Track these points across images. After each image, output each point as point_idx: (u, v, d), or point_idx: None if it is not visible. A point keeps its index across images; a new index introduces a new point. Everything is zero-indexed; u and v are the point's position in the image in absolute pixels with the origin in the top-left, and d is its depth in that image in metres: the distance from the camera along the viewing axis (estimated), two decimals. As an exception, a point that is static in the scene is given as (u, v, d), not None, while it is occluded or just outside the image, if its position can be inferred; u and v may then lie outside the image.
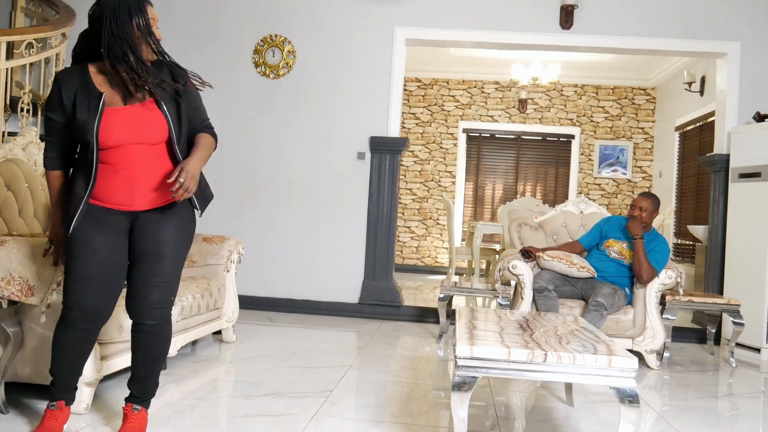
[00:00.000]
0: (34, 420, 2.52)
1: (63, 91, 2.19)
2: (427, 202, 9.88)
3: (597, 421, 2.99)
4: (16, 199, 2.98)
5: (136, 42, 2.16)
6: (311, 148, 5.68)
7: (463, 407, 2.21)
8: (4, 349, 2.53)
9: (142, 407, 2.39)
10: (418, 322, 5.53)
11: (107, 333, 2.79)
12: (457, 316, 2.88)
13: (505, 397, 3.33)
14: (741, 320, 4.40)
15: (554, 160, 9.86)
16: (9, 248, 2.51)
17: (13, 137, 3.21)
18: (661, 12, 5.46)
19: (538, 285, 4.13)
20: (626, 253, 4.23)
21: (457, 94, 9.88)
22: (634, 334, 4.23)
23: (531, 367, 2.19)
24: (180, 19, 5.78)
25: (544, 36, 5.54)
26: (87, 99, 2.17)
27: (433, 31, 5.62)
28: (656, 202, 4.27)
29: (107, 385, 3.04)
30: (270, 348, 4.15)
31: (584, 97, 9.73)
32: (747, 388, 3.89)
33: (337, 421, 2.76)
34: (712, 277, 5.36)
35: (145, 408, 2.41)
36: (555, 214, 4.88)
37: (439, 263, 9.82)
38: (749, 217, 4.85)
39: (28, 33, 4.61)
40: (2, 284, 2.46)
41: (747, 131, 4.98)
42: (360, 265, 5.60)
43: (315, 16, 5.72)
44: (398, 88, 5.62)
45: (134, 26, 2.15)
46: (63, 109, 2.19)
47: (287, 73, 5.71)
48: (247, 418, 2.73)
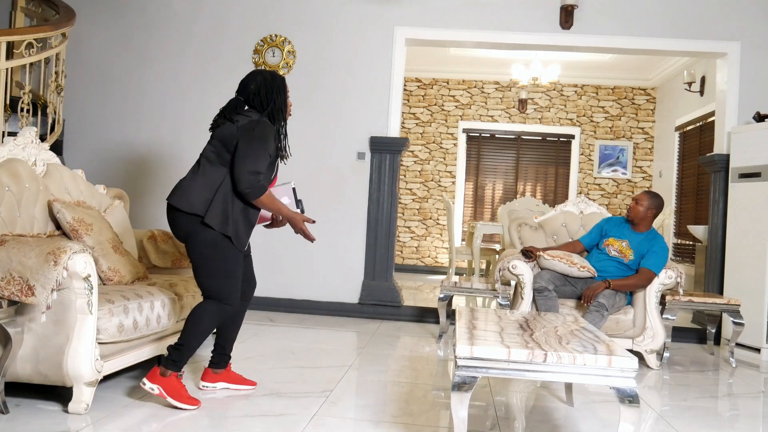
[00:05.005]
0: (34, 420, 2.53)
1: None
2: (427, 202, 9.88)
3: (597, 421, 2.99)
4: (17, 199, 2.98)
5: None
6: (311, 148, 5.68)
7: (463, 407, 2.21)
8: (4, 349, 2.53)
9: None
10: (418, 322, 5.53)
11: (107, 332, 2.79)
12: (457, 316, 2.88)
13: (505, 397, 3.33)
14: (741, 320, 4.39)
15: (554, 160, 9.86)
16: (9, 248, 2.51)
17: (13, 137, 3.21)
18: (661, 12, 5.46)
19: (538, 285, 4.14)
20: (626, 251, 4.23)
21: (457, 94, 9.88)
22: (634, 334, 4.23)
23: (531, 367, 2.19)
24: (180, 18, 5.78)
25: (544, 36, 5.54)
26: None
27: (433, 31, 5.62)
28: (655, 202, 4.27)
29: (107, 385, 3.04)
30: (270, 348, 4.15)
31: (584, 97, 9.73)
32: (747, 388, 3.90)
33: (337, 421, 2.76)
34: (712, 277, 5.36)
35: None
36: (555, 214, 4.88)
37: (439, 263, 9.82)
38: (749, 217, 4.85)
39: (28, 33, 4.61)
40: (2, 284, 2.46)
41: (747, 131, 4.98)
42: (360, 265, 5.59)
43: (315, 16, 5.72)
44: (398, 88, 5.62)
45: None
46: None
47: (287, 73, 5.71)
48: (247, 418, 2.73)
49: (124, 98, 5.81)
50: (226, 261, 2.84)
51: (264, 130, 2.85)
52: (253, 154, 2.79)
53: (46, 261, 2.47)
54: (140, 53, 5.82)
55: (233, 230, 2.83)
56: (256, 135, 2.82)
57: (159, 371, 2.80)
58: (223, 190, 2.83)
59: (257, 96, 2.93)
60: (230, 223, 2.82)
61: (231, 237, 2.82)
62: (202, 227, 2.81)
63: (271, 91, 2.94)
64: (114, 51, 5.85)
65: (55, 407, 2.70)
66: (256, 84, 2.95)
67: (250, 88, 2.95)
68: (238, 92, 3.00)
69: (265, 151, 2.84)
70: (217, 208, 2.81)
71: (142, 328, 3.01)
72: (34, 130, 3.29)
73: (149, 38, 5.82)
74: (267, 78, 2.97)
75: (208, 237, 2.81)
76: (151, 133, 5.79)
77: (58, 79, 5.07)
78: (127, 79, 5.83)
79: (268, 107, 2.93)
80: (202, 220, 2.80)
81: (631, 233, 4.28)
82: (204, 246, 2.82)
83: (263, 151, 2.82)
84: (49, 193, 3.26)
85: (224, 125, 2.90)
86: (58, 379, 2.62)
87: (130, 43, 5.84)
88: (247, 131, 2.83)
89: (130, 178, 5.75)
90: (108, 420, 2.60)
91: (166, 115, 5.77)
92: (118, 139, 5.78)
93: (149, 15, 5.83)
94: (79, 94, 5.80)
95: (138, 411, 2.74)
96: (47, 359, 2.60)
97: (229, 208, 2.83)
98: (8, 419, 2.51)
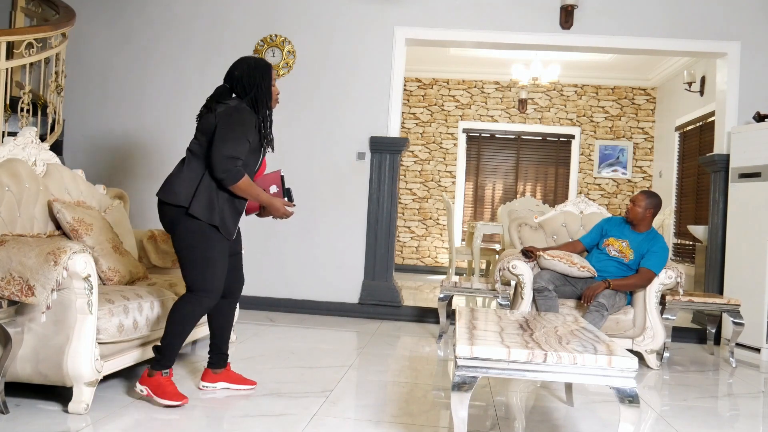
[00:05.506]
0: (34, 420, 2.53)
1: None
2: (427, 202, 9.88)
3: (597, 421, 2.99)
4: (17, 199, 2.98)
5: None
6: (311, 148, 5.68)
7: (463, 407, 2.21)
8: (4, 349, 2.53)
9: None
10: (418, 322, 5.53)
11: (107, 332, 2.79)
12: (457, 316, 2.88)
13: (505, 397, 3.33)
14: (741, 320, 4.40)
15: (554, 160, 9.86)
16: (9, 248, 2.51)
17: (13, 137, 3.21)
18: (661, 12, 5.46)
19: (538, 285, 4.14)
20: (626, 251, 4.23)
21: (457, 94, 9.88)
22: (634, 334, 4.23)
23: (531, 367, 2.19)
24: (180, 19, 5.78)
25: (544, 36, 5.54)
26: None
27: (433, 31, 5.62)
28: (654, 202, 4.27)
29: (107, 385, 3.04)
30: (270, 348, 4.15)
31: (584, 97, 9.73)
32: (747, 388, 3.90)
33: (337, 421, 2.76)
34: (712, 277, 5.36)
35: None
36: (555, 214, 4.88)
37: (439, 263, 9.82)
38: (749, 217, 4.85)
39: (28, 33, 4.61)
40: (2, 284, 2.46)
41: (747, 131, 4.98)
42: (360, 265, 5.59)
43: (315, 16, 5.72)
44: (398, 88, 5.62)
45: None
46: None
47: (287, 73, 5.71)
48: (247, 418, 2.73)
49: (124, 98, 5.81)
50: (211, 251, 2.81)
51: (242, 116, 2.82)
52: (230, 139, 2.76)
53: (46, 261, 2.47)
54: (140, 53, 5.82)
55: (219, 219, 2.81)
56: (234, 120, 2.79)
57: (147, 372, 2.82)
58: (207, 180, 2.81)
59: (240, 82, 2.90)
60: (216, 212, 2.80)
61: (218, 226, 2.80)
62: (187, 218, 2.80)
63: (253, 76, 2.89)
64: (114, 51, 5.85)
65: (55, 407, 2.70)
66: (240, 70, 2.91)
67: (234, 75, 2.92)
68: (225, 80, 2.97)
69: (243, 137, 2.79)
70: (202, 198, 2.79)
71: (142, 328, 3.02)
72: (34, 130, 3.29)
73: (149, 38, 5.82)
74: (251, 64, 2.93)
75: (193, 227, 2.80)
76: (151, 134, 5.79)
77: (58, 79, 5.07)
78: (127, 79, 5.83)
79: (251, 93, 2.89)
80: (187, 210, 2.79)
81: (631, 233, 4.28)
82: (189, 235, 2.81)
83: (241, 136, 2.78)
84: (49, 193, 3.26)
85: (205, 116, 2.88)
86: (58, 379, 2.62)
87: (131, 44, 5.84)
88: (225, 117, 2.80)
89: (130, 178, 5.75)
90: (108, 420, 2.60)
91: (167, 115, 5.77)
92: (119, 140, 5.78)
93: (149, 15, 5.83)
94: (79, 94, 5.80)
95: (138, 411, 2.74)
96: (47, 359, 2.60)
97: (214, 198, 2.81)
98: (8, 419, 2.51)
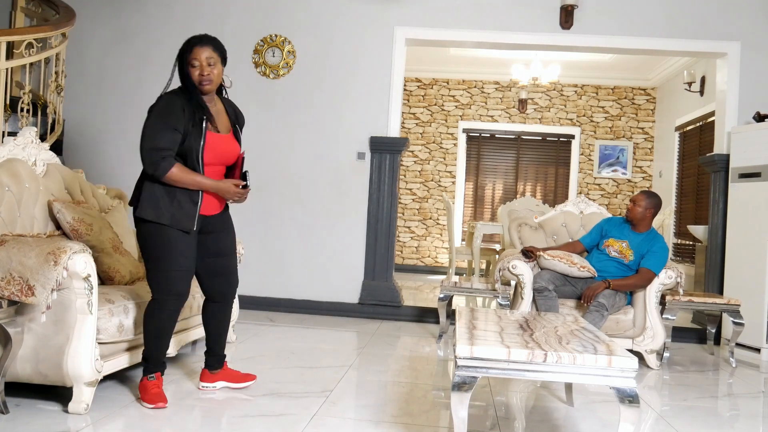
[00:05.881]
0: (34, 420, 2.53)
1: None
2: (427, 202, 9.88)
3: (597, 421, 2.99)
4: (17, 199, 2.98)
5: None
6: (311, 148, 5.68)
7: (463, 407, 2.21)
8: (4, 349, 2.53)
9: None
10: (418, 322, 5.53)
11: (108, 332, 2.79)
12: (457, 316, 2.88)
13: (505, 397, 3.33)
14: (741, 320, 4.39)
15: (554, 160, 9.86)
16: (9, 248, 2.51)
17: (13, 137, 3.21)
18: (661, 12, 5.46)
19: (538, 285, 4.14)
20: (626, 252, 4.23)
21: (457, 94, 9.88)
22: (634, 334, 4.23)
23: (531, 367, 2.19)
24: (180, 19, 5.78)
25: (544, 36, 5.54)
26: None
27: (433, 31, 5.62)
28: (653, 201, 4.27)
29: (107, 385, 3.04)
30: (270, 348, 4.15)
31: (584, 97, 9.73)
32: (747, 388, 3.90)
33: (337, 421, 2.76)
34: (712, 277, 5.36)
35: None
36: (555, 214, 4.89)
37: (439, 263, 9.82)
38: (749, 217, 4.85)
39: (28, 33, 4.61)
40: (2, 284, 2.46)
41: (747, 131, 4.98)
42: (360, 265, 5.59)
43: (315, 16, 5.72)
44: (398, 88, 5.62)
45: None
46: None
47: (287, 73, 5.71)
48: (247, 418, 2.73)
49: (124, 98, 5.81)
50: (168, 251, 2.76)
51: (161, 105, 2.76)
52: (148, 132, 2.72)
53: (46, 261, 2.47)
54: (140, 53, 5.82)
55: (168, 216, 2.76)
56: (153, 111, 2.76)
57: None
58: (148, 181, 2.79)
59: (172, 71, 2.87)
60: (163, 209, 2.75)
61: (168, 224, 2.75)
62: (140, 222, 2.80)
63: (175, 62, 2.83)
64: (114, 51, 5.85)
65: (55, 407, 2.70)
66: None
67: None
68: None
69: (166, 125, 2.70)
70: (147, 200, 2.77)
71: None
72: (34, 130, 3.29)
73: (149, 38, 5.82)
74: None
75: (147, 230, 2.79)
76: (151, 133, 5.78)
77: (58, 79, 5.07)
78: (127, 79, 5.82)
79: (170, 78, 2.85)
80: (135, 214, 2.80)
81: (631, 233, 4.28)
82: (144, 239, 2.81)
83: (162, 125, 2.70)
84: (49, 193, 3.26)
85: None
86: (58, 379, 2.63)
87: (131, 43, 5.84)
88: (148, 112, 2.78)
89: (130, 178, 5.72)
90: (108, 420, 2.60)
91: (166, 115, 5.76)
92: (118, 139, 5.77)
93: (149, 15, 5.83)
94: (79, 94, 5.80)
95: (138, 411, 2.74)
96: (47, 359, 2.60)
97: (159, 196, 2.76)
98: (8, 419, 2.51)
